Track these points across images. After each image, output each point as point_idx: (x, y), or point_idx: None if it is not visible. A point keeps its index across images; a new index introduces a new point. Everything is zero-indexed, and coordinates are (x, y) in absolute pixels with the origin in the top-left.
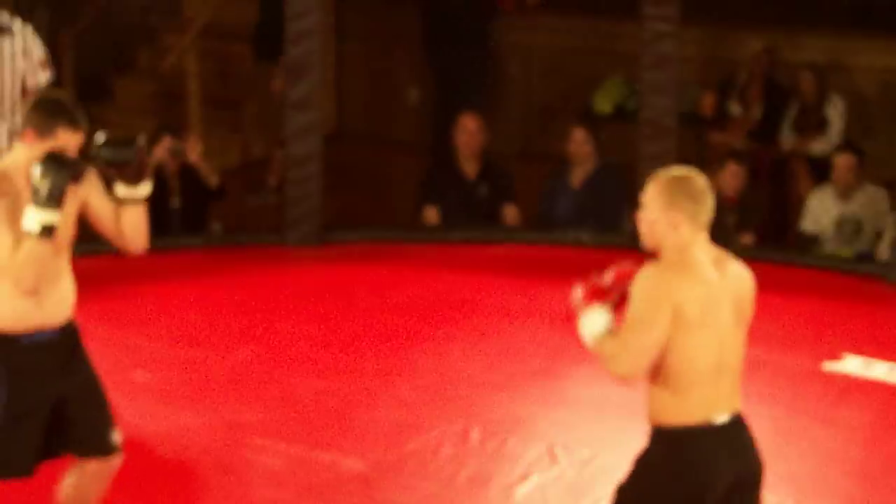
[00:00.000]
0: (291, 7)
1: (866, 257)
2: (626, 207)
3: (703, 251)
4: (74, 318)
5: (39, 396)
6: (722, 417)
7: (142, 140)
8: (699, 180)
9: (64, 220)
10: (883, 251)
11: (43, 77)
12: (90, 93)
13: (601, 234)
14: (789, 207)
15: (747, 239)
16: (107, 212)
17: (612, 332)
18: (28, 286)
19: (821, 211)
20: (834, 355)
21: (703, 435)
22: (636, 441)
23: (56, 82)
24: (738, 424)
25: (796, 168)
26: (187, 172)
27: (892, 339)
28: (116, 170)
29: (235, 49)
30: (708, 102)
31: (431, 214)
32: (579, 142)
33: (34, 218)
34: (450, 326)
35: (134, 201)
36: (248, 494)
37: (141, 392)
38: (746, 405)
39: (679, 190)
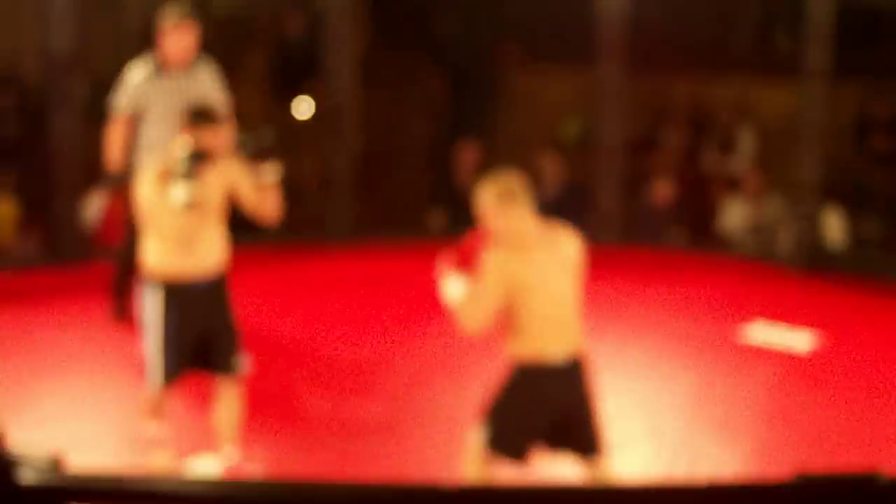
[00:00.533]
0: (329, 61)
1: (770, 250)
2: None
3: (531, 233)
4: (223, 270)
5: (193, 325)
6: (557, 358)
7: (269, 139)
8: (513, 182)
9: (210, 196)
10: (782, 245)
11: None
12: None
13: None
14: (710, 211)
15: (679, 236)
16: (249, 192)
17: (465, 296)
18: (179, 245)
19: (734, 214)
20: (742, 325)
21: (538, 369)
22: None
23: None
24: (570, 365)
25: (714, 181)
26: None
27: (789, 313)
28: (254, 160)
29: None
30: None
31: (438, 218)
32: (550, 162)
33: (176, 195)
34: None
35: (270, 185)
36: (290, 437)
37: None
38: (679, 366)
39: (499, 195)
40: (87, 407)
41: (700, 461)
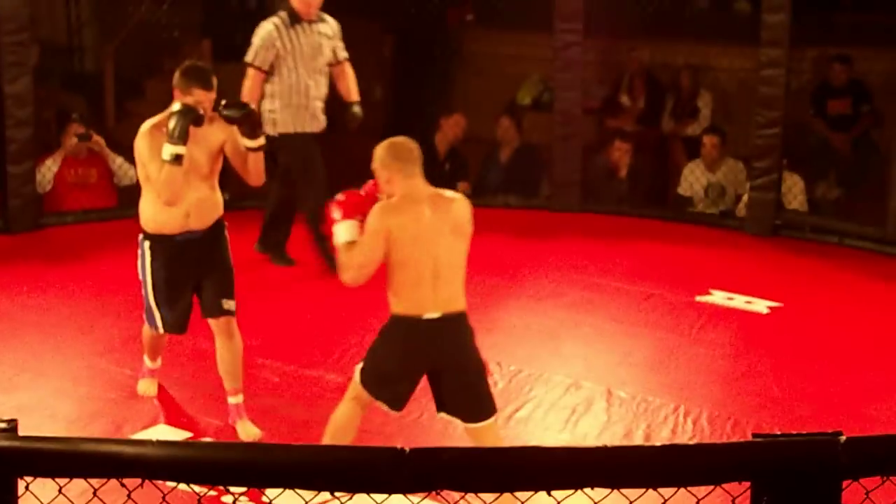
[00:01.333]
0: None
1: (728, 215)
2: (543, 178)
3: (418, 193)
4: (219, 221)
5: (187, 275)
6: (432, 314)
7: (251, 105)
8: (407, 144)
9: (203, 154)
10: (741, 210)
11: (345, 51)
12: (127, 91)
13: (524, 198)
14: (669, 176)
15: (637, 200)
16: (239, 154)
17: (349, 245)
18: (166, 199)
19: (693, 179)
20: (703, 290)
21: (413, 323)
22: (553, 357)
23: (101, 85)
24: (447, 321)
25: (674, 146)
26: None
27: (748, 278)
28: (238, 126)
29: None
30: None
31: None
32: (505, 127)
33: (166, 150)
34: None
35: (254, 149)
36: (253, 401)
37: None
38: (637, 330)
39: (392, 153)
40: (38, 374)
41: (658, 425)
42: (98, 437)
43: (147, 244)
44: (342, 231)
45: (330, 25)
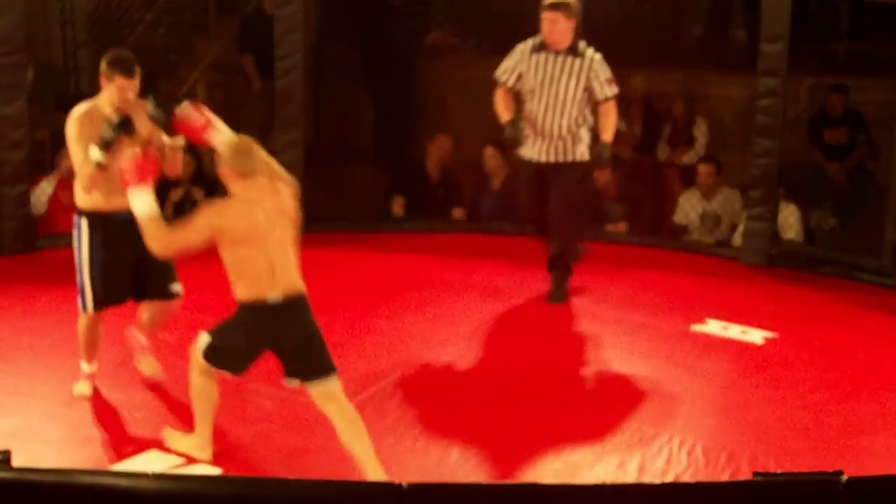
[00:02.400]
0: (280, 49)
1: (724, 244)
2: None
3: (253, 191)
4: None
5: (124, 255)
6: (274, 297)
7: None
8: (247, 143)
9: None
10: (736, 239)
11: (610, 91)
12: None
13: (518, 225)
14: (664, 204)
15: (622, 227)
16: (159, 147)
17: (156, 215)
18: (83, 185)
19: (688, 207)
20: (698, 319)
21: (259, 308)
22: (546, 385)
23: None
24: (288, 303)
25: (669, 174)
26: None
27: (744, 308)
28: (160, 126)
29: (236, 80)
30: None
31: (398, 204)
32: (489, 156)
33: (94, 153)
34: (404, 296)
35: (171, 147)
36: (245, 426)
37: (164, 348)
38: (632, 359)
39: (231, 152)
40: (30, 397)
41: (653, 455)
42: (90, 462)
43: (84, 222)
44: (141, 202)
45: (585, 62)
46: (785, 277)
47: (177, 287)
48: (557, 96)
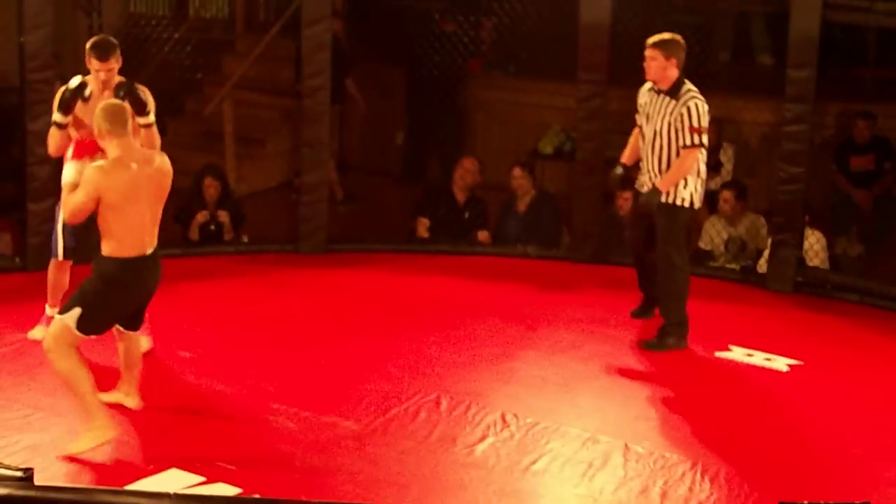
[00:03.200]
0: (307, 67)
1: (749, 270)
2: (562, 228)
3: (127, 153)
4: None
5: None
6: (148, 252)
7: (135, 87)
8: (118, 106)
9: (90, 119)
10: (762, 265)
11: (689, 139)
12: None
13: (543, 249)
14: (690, 230)
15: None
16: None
17: (69, 187)
18: (50, 152)
19: (713, 233)
20: (722, 346)
21: (139, 262)
22: (569, 410)
23: None
24: (155, 258)
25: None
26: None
27: (768, 335)
28: (129, 104)
29: (261, 98)
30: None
31: (423, 226)
32: (517, 177)
33: (54, 116)
34: (428, 318)
35: (145, 124)
36: (268, 447)
37: (186, 366)
38: (656, 385)
39: (105, 115)
40: (52, 413)
41: (675, 482)
42: (110, 479)
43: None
44: (66, 172)
45: (678, 104)
46: (810, 304)
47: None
48: (654, 136)
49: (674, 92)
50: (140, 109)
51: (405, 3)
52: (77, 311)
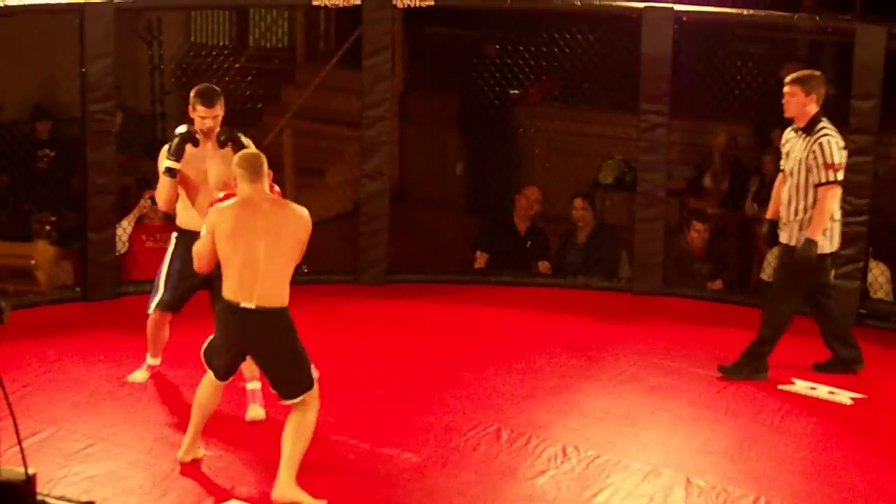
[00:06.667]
0: (368, 97)
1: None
2: (621, 259)
3: (252, 197)
4: None
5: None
6: (247, 304)
7: (236, 135)
8: (255, 155)
9: (218, 167)
10: None
11: (825, 176)
12: None
13: (605, 280)
14: (752, 261)
15: (718, 284)
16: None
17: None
18: (160, 204)
19: (776, 265)
20: (785, 379)
21: (233, 309)
22: (632, 443)
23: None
24: (260, 313)
25: (757, 230)
26: None
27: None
28: (231, 148)
29: (321, 128)
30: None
31: (482, 259)
32: (579, 207)
33: (164, 163)
34: (488, 349)
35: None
36: (328, 479)
37: (244, 397)
38: (718, 418)
39: (240, 161)
40: (112, 444)
41: None
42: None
43: (175, 235)
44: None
45: (812, 139)
46: (874, 337)
47: None
48: (791, 174)
49: (809, 128)
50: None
51: (462, 32)
52: (211, 337)
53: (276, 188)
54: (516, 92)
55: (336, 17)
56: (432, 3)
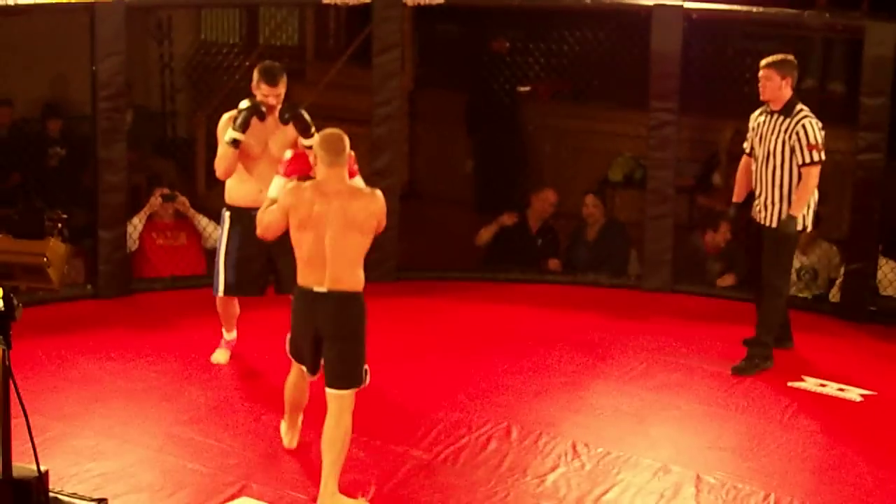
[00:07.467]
0: (376, 96)
1: (821, 299)
2: (630, 255)
3: (328, 182)
4: None
5: (259, 247)
6: (319, 289)
7: (299, 112)
8: (337, 137)
9: (277, 144)
10: (834, 295)
11: (809, 156)
12: None
13: (613, 276)
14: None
15: (729, 280)
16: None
17: (270, 200)
18: (219, 174)
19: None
20: (795, 376)
21: (305, 293)
22: (642, 440)
23: (192, 151)
24: (332, 297)
25: None
26: None
27: (842, 364)
28: (294, 126)
29: (331, 126)
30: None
31: (488, 232)
32: (590, 204)
33: (228, 134)
34: (497, 347)
35: (308, 146)
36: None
37: (262, 393)
38: (728, 415)
39: (321, 141)
40: (123, 441)
41: None
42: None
43: (227, 214)
44: (273, 187)
45: (792, 121)
46: (883, 334)
47: None
48: (766, 156)
49: (787, 111)
50: (305, 131)
51: (471, 29)
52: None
53: (356, 167)
54: (525, 88)
55: (346, 15)
56: (442, 0)
